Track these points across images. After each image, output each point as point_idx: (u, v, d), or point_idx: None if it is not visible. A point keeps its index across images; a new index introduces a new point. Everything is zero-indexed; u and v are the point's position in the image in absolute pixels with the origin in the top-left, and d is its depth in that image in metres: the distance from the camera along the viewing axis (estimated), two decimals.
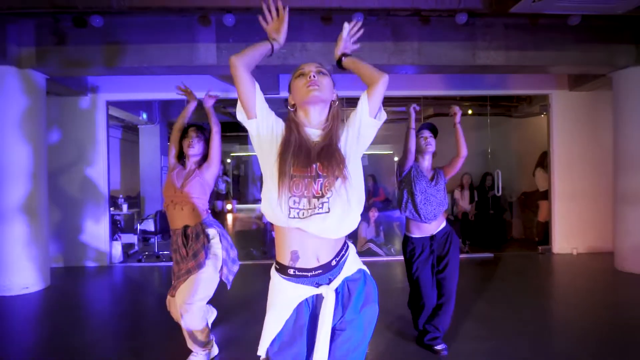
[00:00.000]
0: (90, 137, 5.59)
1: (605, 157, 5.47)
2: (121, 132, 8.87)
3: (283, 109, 1.43)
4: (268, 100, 4.41)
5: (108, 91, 5.66)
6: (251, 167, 10.97)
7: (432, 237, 2.65)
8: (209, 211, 2.56)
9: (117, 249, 5.78)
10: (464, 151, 2.75)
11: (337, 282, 1.26)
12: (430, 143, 2.75)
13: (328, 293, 1.23)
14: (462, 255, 5.78)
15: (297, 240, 1.23)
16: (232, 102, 6.74)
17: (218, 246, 2.42)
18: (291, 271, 1.25)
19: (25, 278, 4.27)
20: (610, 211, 5.08)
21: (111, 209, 5.86)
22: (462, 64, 4.39)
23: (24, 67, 4.26)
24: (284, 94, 5.68)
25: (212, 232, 2.43)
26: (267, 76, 4.94)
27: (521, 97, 7.00)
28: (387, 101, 7.07)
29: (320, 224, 1.19)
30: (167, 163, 2.75)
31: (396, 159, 3.04)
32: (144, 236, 6.34)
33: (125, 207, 6.58)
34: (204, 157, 2.55)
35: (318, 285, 1.25)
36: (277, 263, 1.29)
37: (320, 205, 1.19)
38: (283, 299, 1.26)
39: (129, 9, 3.52)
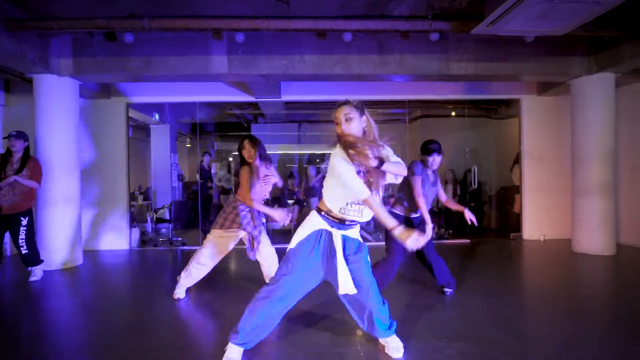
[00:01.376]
0: (112, 135, 6.31)
1: (567, 154, 6.20)
2: (131, 130, 9.58)
3: (282, 110, 2.27)
4: (270, 104, 5.63)
5: (128, 95, 6.39)
6: None
7: None
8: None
9: (135, 235, 6.51)
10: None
11: (342, 232, 2.26)
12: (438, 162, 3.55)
13: (337, 234, 2.25)
14: (444, 241, 6.54)
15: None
16: (238, 105, 7.46)
17: None
18: (323, 213, 2.26)
19: (63, 256, 4.99)
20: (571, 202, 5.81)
21: None
22: (438, 73, 5.13)
23: (63, 75, 4.98)
24: (284, 97, 6.43)
25: None
26: (270, 83, 5.67)
27: (500, 101, 7.74)
28: (379, 104, 7.86)
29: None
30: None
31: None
32: (159, 224, 7.05)
33: (140, 198, 7.30)
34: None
35: (332, 227, 2.25)
36: (318, 208, 2.30)
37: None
38: (313, 223, 2.28)
39: (158, 29, 4.24)
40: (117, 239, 6.31)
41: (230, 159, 11.55)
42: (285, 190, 7.77)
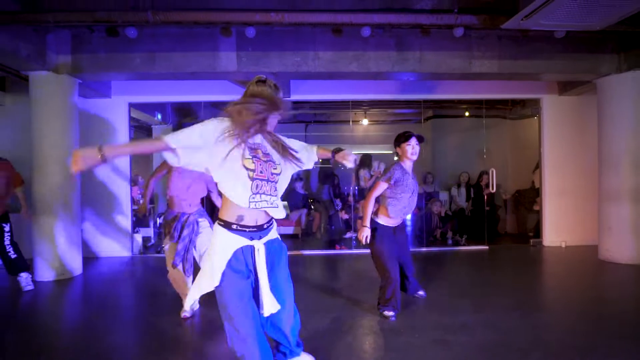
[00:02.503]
0: (114, 136, 6.01)
1: (591, 157, 5.91)
2: (132, 131, 9.27)
3: (290, 110, 1.93)
4: None
5: (129, 94, 6.08)
6: None
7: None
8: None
9: (138, 241, 6.21)
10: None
11: (264, 240, 1.84)
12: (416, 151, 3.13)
13: (260, 246, 1.81)
14: (460, 248, 6.24)
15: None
16: None
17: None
18: (234, 226, 1.78)
19: (61, 265, 4.68)
20: (595, 207, 5.51)
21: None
22: (459, 71, 4.83)
23: (61, 72, 4.67)
24: (294, 97, 6.13)
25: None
26: (281, 81, 5.36)
27: (515, 101, 7.44)
28: (389, 104, 7.55)
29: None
30: None
31: (396, 158, 3.44)
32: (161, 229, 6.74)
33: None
34: None
35: (252, 239, 1.80)
36: (221, 220, 1.81)
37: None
38: (225, 244, 1.77)
39: (163, 23, 3.93)
40: (119, 245, 6.01)
41: None
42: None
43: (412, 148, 3.09)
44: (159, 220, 6.54)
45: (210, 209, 4.41)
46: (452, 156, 8.00)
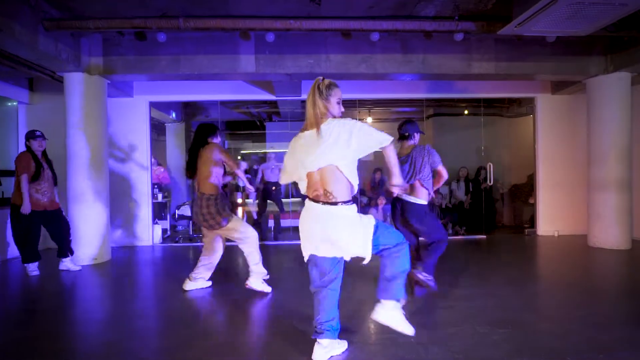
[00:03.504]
0: (135, 134, 6.41)
1: (582, 152, 6.34)
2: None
3: (299, 109, 2.35)
4: (289, 102, 5.82)
5: (150, 93, 6.48)
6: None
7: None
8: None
9: (157, 232, 6.61)
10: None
11: None
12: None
13: None
14: (459, 237, 6.67)
15: None
16: (255, 103, 7.57)
17: None
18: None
19: (94, 252, 5.09)
20: (586, 199, 5.95)
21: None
22: (459, 72, 5.25)
23: (93, 73, 5.07)
24: (304, 96, 6.52)
25: None
26: (294, 82, 5.77)
27: (512, 99, 7.88)
28: (393, 102, 7.98)
29: None
30: None
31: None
32: (180, 221, 7.15)
33: (160, 196, 7.39)
34: None
35: None
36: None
37: None
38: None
39: (192, 29, 4.34)
40: (141, 236, 6.41)
41: (239, 157, 11.69)
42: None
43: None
44: (177, 213, 6.93)
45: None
46: (452, 152, 8.41)
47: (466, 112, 8.18)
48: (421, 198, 3.41)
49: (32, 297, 3.82)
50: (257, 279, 3.60)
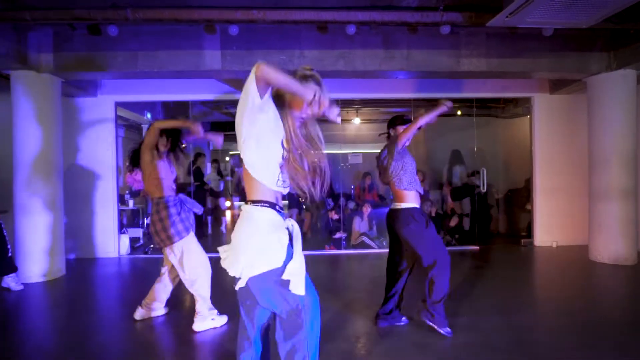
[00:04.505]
0: (100, 136, 5.93)
1: (582, 156, 5.85)
2: (124, 130, 9.20)
3: None
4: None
5: (116, 93, 6.00)
6: None
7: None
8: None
9: (125, 242, 6.14)
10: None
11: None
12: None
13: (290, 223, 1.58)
14: (450, 248, 6.18)
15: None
16: (233, 102, 7.12)
17: None
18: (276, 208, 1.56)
19: (44, 267, 4.62)
20: (586, 206, 5.46)
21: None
22: (447, 69, 4.77)
23: (43, 71, 4.60)
24: None
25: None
26: None
27: (507, 99, 7.39)
28: (381, 103, 7.49)
29: None
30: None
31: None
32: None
33: (131, 202, 6.92)
34: None
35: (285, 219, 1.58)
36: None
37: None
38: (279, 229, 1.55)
39: (143, 21, 3.87)
40: (106, 246, 5.94)
41: (227, 158, 11.24)
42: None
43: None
44: (146, 221, 6.47)
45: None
46: (444, 155, 7.95)
47: (459, 112, 7.69)
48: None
49: None
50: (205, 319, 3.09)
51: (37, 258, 4.58)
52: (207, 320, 3.05)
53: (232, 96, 6.11)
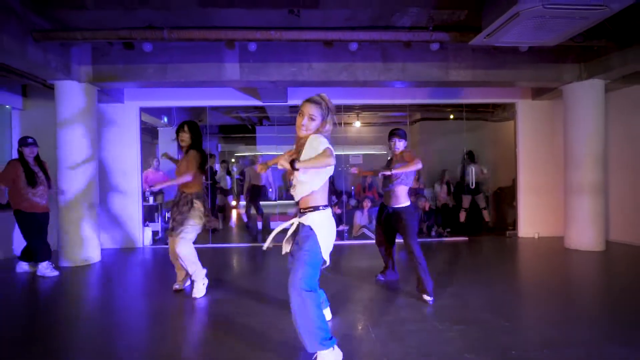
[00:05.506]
0: (126, 138, 6.58)
1: (561, 156, 6.50)
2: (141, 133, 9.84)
3: (287, 113, 2.46)
4: (276, 107, 6.03)
5: (140, 99, 6.65)
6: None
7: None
8: None
9: (148, 234, 6.78)
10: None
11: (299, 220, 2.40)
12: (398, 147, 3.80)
13: (295, 221, 2.46)
14: (443, 239, 6.83)
15: None
16: (244, 108, 7.74)
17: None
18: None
19: (85, 253, 5.26)
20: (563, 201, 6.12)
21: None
22: (437, 79, 5.43)
23: (82, 81, 5.25)
24: (290, 102, 6.72)
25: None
26: (278, 88, 5.95)
27: (497, 104, 8.05)
28: (380, 108, 8.15)
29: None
30: None
31: (389, 157, 4.09)
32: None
33: (151, 199, 7.56)
34: None
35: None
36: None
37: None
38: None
39: (176, 40, 4.52)
40: (131, 238, 6.58)
41: (233, 159, 11.88)
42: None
43: (393, 145, 3.82)
44: (167, 215, 7.10)
45: None
46: (438, 156, 8.61)
47: (452, 116, 8.36)
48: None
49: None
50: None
51: (79, 246, 5.22)
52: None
53: (243, 102, 6.77)
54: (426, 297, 3.47)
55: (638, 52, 4.83)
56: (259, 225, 7.61)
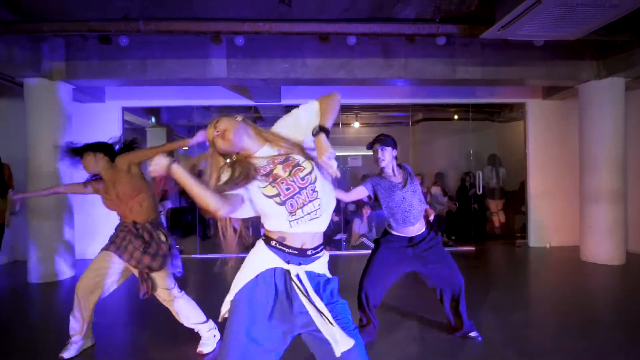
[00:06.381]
0: (106, 139, 6.10)
1: (575, 159, 6.05)
2: (126, 133, 9.38)
3: (282, 114, 1.65)
4: (269, 108, 5.32)
5: (123, 98, 6.19)
6: None
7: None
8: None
9: None
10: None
11: (305, 268, 1.47)
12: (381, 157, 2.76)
13: (300, 271, 1.45)
14: (447, 249, 6.38)
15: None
16: (236, 109, 7.31)
17: None
18: (273, 242, 1.49)
19: (53, 267, 4.80)
20: (578, 209, 5.66)
21: None
22: (443, 77, 4.98)
23: (55, 79, 4.78)
24: (284, 101, 6.25)
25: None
26: (271, 87, 5.49)
27: (503, 104, 7.60)
28: (382, 108, 7.69)
29: None
30: None
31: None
32: None
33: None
34: None
35: (288, 262, 1.46)
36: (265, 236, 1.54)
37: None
38: (257, 261, 1.50)
39: (154, 32, 4.06)
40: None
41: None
42: None
43: (375, 154, 2.78)
44: None
45: None
46: (441, 158, 8.16)
47: (456, 116, 7.91)
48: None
49: None
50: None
51: (48, 259, 4.76)
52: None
53: (233, 101, 6.30)
54: (473, 334, 2.88)
55: None
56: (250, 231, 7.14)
